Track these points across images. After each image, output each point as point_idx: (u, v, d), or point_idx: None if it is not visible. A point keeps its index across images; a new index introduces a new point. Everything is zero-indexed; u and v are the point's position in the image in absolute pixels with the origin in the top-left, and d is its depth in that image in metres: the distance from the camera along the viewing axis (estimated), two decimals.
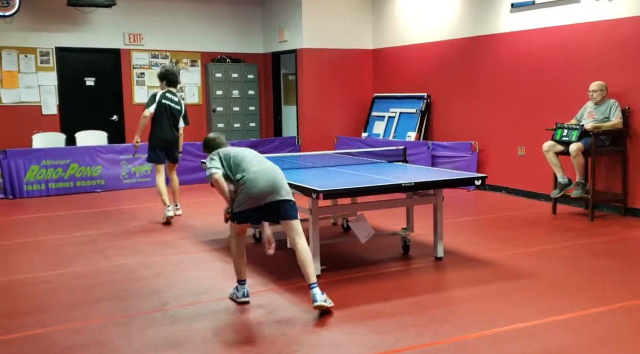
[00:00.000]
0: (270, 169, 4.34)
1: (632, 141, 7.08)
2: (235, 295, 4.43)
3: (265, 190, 4.21)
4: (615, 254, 5.60)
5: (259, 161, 4.42)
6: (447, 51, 9.67)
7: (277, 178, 4.30)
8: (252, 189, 4.21)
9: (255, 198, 4.23)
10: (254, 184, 4.22)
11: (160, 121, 7.30)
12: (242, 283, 4.43)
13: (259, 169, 4.30)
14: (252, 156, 4.47)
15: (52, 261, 5.65)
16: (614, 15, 7.18)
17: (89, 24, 10.66)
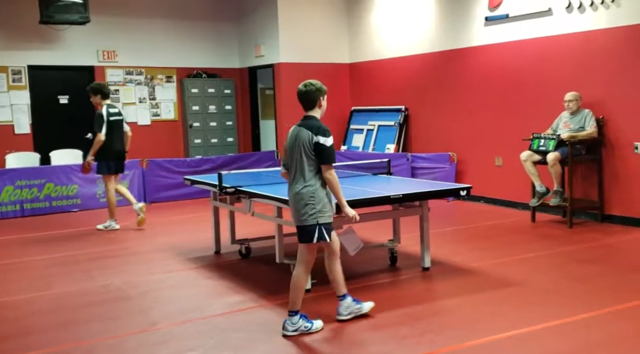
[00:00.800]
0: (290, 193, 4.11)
1: (606, 150, 7.25)
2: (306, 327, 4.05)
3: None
4: (597, 261, 5.70)
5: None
6: (424, 64, 9.79)
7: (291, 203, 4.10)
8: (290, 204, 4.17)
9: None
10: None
11: (112, 137, 7.67)
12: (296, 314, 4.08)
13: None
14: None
15: (34, 282, 5.53)
16: (586, 28, 7.36)
17: (62, 41, 10.54)
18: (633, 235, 6.65)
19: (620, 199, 7.16)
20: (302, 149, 4.03)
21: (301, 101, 4.21)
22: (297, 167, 4.05)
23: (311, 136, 4.03)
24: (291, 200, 4.10)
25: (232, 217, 6.33)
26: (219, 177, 5.60)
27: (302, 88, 4.22)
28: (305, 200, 3.99)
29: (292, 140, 4.12)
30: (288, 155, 4.14)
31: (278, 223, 5.25)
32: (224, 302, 4.77)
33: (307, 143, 4.02)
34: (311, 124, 4.09)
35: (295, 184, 4.05)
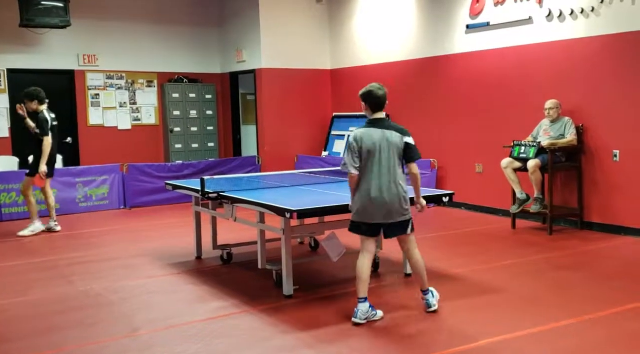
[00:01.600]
0: None
1: (586, 157, 7.35)
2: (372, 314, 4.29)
3: None
4: (577, 268, 5.76)
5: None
6: (405, 71, 9.85)
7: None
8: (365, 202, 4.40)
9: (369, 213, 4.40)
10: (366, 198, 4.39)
11: (54, 140, 7.75)
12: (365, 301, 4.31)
13: None
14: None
15: (12, 288, 5.45)
16: (566, 36, 7.47)
17: (43, 45, 10.43)
18: (612, 242, 6.74)
19: (599, 206, 7.26)
20: (394, 151, 4.28)
21: (377, 102, 4.34)
22: (388, 168, 4.27)
23: (401, 138, 4.30)
24: (389, 199, 4.27)
25: (214, 222, 6.30)
26: (202, 183, 5.57)
27: (380, 91, 4.35)
28: (403, 197, 4.33)
29: (378, 143, 4.26)
30: (365, 158, 4.25)
31: (260, 229, 5.24)
32: (207, 308, 4.74)
33: (399, 145, 4.29)
34: (395, 127, 4.36)
35: (390, 184, 4.27)
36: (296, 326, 4.27)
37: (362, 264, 4.38)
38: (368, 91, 4.35)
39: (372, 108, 4.35)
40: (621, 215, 7.05)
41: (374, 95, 4.31)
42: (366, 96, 4.35)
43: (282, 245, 4.86)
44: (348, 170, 4.30)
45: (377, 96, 4.31)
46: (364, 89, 4.38)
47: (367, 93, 4.35)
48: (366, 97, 4.35)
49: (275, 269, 5.18)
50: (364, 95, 4.37)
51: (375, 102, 4.32)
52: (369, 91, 4.34)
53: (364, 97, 4.37)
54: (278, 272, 5.10)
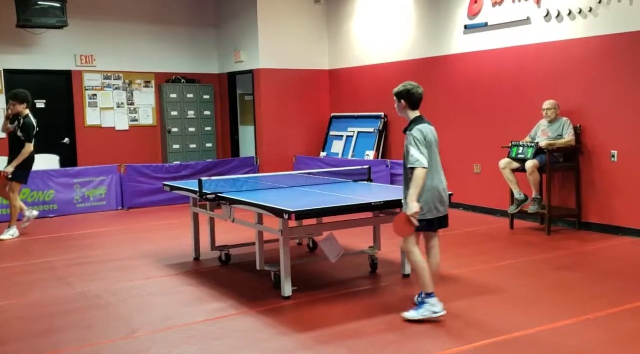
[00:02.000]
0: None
1: (584, 158, 7.35)
2: (432, 311, 4.28)
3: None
4: (575, 268, 5.76)
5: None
6: (403, 72, 9.84)
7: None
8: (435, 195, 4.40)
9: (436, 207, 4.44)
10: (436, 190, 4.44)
11: (36, 144, 7.71)
12: (433, 295, 4.33)
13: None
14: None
15: (9, 290, 5.43)
16: (565, 37, 7.47)
17: (40, 45, 10.41)
18: (610, 242, 6.74)
19: (597, 206, 7.26)
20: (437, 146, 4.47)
21: (419, 101, 4.50)
22: (439, 163, 4.45)
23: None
24: (444, 192, 4.42)
25: (212, 223, 6.29)
26: (200, 184, 5.56)
27: (420, 88, 4.50)
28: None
29: (434, 138, 4.45)
30: (428, 152, 4.32)
31: (259, 230, 5.23)
32: (205, 309, 4.73)
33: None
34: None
35: (443, 178, 4.44)
36: (295, 328, 4.26)
37: (422, 259, 4.38)
38: (407, 89, 4.42)
39: (412, 106, 4.45)
40: (619, 215, 7.06)
41: (414, 92, 4.42)
42: (405, 94, 4.42)
43: (281, 246, 4.85)
44: (422, 165, 4.24)
45: (419, 93, 4.45)
46: (401, 88, 4.45)
47: (406, 91, 4.42)
48: (405, 95, 4.42)
49: (273, 271, 5.17)
50: (402, 93, 4.43)
51: (417, 99, 4.45)
52: (408, 90, 4.41)
53: (402, 95, 4.43)
54: (276, 273, 5.09)
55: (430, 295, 4.31)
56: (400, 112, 4.52)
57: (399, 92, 4.44)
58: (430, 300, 4.29)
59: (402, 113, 4.51)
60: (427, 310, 4.28)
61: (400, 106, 4.48)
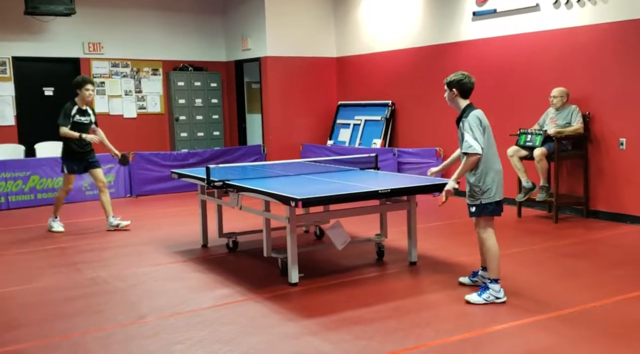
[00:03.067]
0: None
1: (592, 145, 7.32)
2: (495, 296, 4.37)
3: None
4: (582, 256, 5.76)
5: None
6: (411, 59, 9.82)
7: None
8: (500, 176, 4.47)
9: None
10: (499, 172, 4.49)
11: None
12: (498, 282, 4.42)
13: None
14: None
15: (20, 275, 5.49)
16: (574, 24, 7.42)
17: (48, 33, 10.43)
18: (618, 230, 6.73)
19: (605, 194, 7.24)
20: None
21: (471, 90, 4.56)
22: (495, 148, 4.51)
23: None
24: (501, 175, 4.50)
25: (220, 210, 6.32)
26: (207, 171, 5.58)
27: (472, 78, 4.56)
28: None
29: (488, 123, 4.48)
30: (486, 138, 4.42)
31: (266, 217, 5.26)
32: (212, 295, 4.77)
33: None
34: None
35: (499, 162, 4.50)
36: (301, 314, 4.29)
37: (496, 244, 4.48)
38: (458, 78, 4.47)
39: (463, 94, 4.49)
40: (627, 203, 7.04)
41: (466, 82, 4.47)
42: (456, 83, 4.48)
43: (287, 233, 4.88)
44: (475, 151, 4.32)
45: (471, 82, 4.50)
46: (452, 76, 4.50)
47: (457, 80, 4.47)
48: (456, 84, 4.48)
49: (280, 257, 5.20)
50: (453, 82, 4.48)
51: (469, 88, 4.50)
52: (460, 79, 4.47)
53: (453, 84, 4.48)
54: (283, 260, 5.12)
55: (496, 281, 4.39)
56: (450, 101, 4.56)
57: (450, 81, 4.50)
58: (494, 286, 4.38)
59: (452, 102, 4.56)
60: (491, 295, 4.37)
61: (451, 95, 4.52)
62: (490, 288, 4.39)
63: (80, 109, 7.06)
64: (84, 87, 7.01)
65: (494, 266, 4.44)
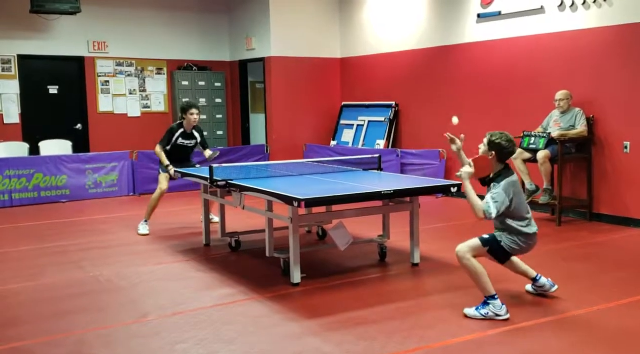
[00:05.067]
0: None
1: (596, 148, 7.31)
2: (496, 313, 4.13)
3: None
4: (585, 259, 5.75)
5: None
6: (415, 60, 9.81)
7: None
8: (531, 244, 4.35)
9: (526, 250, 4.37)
10: (534, 240, 4.36)
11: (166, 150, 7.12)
12: (497, 297, 4.18)
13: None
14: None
15: (22, 273, 5.50)
16: (579, 26, 7.41)
17: (53, 31, 10.45)
18: (621, 234, 6.72)
19: (609, 198, 7.23)
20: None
21: (509, 157, 4.35)
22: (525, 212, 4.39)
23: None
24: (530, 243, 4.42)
25: (223, 210, 6.33)
26: (211, 171, 5.59)
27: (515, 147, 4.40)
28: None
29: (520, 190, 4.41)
30: (517, 202, 4.30)
31: (268, 217, 5.26)
32: (215, 295, 4.77)
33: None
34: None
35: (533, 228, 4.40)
36: (303, 314, 4.30)
37: (477, 264, 4.26)
38: (503, 146, 4.23)
39: (501, 159, 4.28)
40: (631, 207, 7.02)
41: (507, 147, 4.25)
42: (497, 147, 4.24)
43: (290, 233, 4.88)
44: (490, 217, 4.16)
45: (513, 150, 4.31)
46: (497, 138, 4.25)
47: (500, 146, 4.24)
48: (497, 148, 4.25)
49: (283, 257, 5.20)
50: (494, 144, 4.25)
51: (507, 155, 4.29)
52: (502, 145, 4.23)
53: (493, 146, 4.25)
54: (286, 260, 5.13)
55: (493, 297, 4.16)
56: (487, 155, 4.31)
57: (491, 141, 4.26)
58: (494, 302, 4.15)
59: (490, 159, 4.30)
60: (490, 311, 4.14)
61: (489, 154, 4.28)
62: (490, 304, 4.15)
63: (185, 133, 7.02)
64: (189, 112, 7.00)
65: (482, 285, 4.18)
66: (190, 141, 7.12)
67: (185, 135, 7.06)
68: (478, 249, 4.28)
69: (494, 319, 4.12)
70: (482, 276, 4.20)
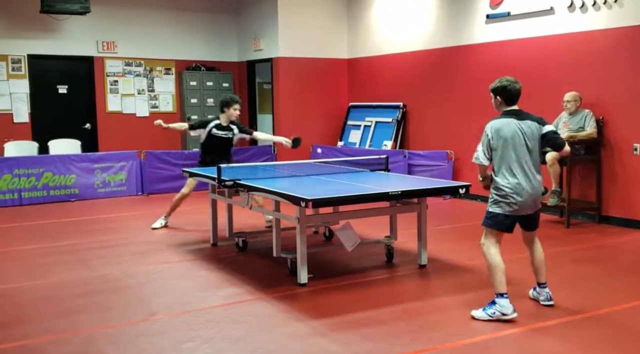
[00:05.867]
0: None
1: (605, 150, 7.27)
2: (502, 312, 4.08)
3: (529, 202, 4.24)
4: (594, 262, 5.72)
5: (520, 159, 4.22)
6: (423, 61, 9.80)
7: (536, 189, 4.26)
8: (519, 198, 4.20)
9: (520, 207, 4.23)
10: (519, 192, 4.21)
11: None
12: (506, 296, 4.13)
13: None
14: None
15: (31, 271, 5.53)
16: (588, 27, 7.38)
17: (63, 31, 10.51)
18: (630, 236, 6.68)
19: (618, 200, 7.19)
20: (536, 143, 4.25)
21: (516, 95, 4.34)
22: (531, 160, 4.24)
23: (539, 127, 4.27)
24: (534, 191, 4.26)
25: (230, 210, 6.34)
26: (218, 170, 5.60)
27: (518, 84, 4.36)
28: (541, 189, 4.36)
29: (512, 133, 4.21)
30: (500, 150, 4.24)
31: (276, 217, 5.27)
32: (222, 294, 4.78)
33: (538, 135, 4.25)
34: (533, 117, 4.31)
35: (535, 177, 4.26)
36: (309, 314, 4.30)
37: (497, 258, 4.26)
38: (502, 85, 4.29)
39: (508, 102, 4.31)
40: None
41: (510, 88, 4.28)
42: (500, 90, 4.29)
43: (297, 233, 4.88)
44: (478, 161, 4.34)
45: (516, 88, 4.31)
46: (497, 83, 4.32)
47: (502, 87, 4.28)
48: (501, 91, 4.29)
49: (289, 257, 5.21)
50: (497, 89, 4.30)
51: (514, 95, 4.31)
52: (504, 86, 4.28)
53: (497, 91, 4.30)
54: (293, 260, 5.13)
55: (502, 295, 4.11)
56: (497, 107, 4.38)
57: (494, 88, 4.31)
58: (501, 301, 4.09)
59: (499, 109, 4.37)
60: (497, 311, 4.09)
61: (497, 102, 4.34)
62: (496, 303, 4.11)
63: (220, 125, 7.02)
64: (233, 107, 6.99)
65: (494, 280, 4.15)
66: (226, 132, 7.09)
67: (220, 126, 7.05)
68: (487, 232, 4.34)
69: (501, 319, 4.09)
70: (497, 270, 4.18)
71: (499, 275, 4.16)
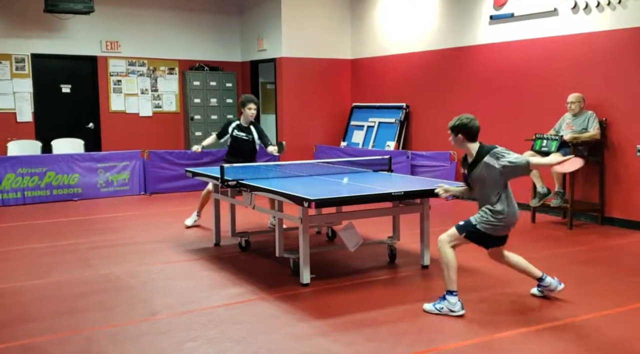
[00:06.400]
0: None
1: (609, 152, 7.26)
2: (450, 309, 4.23)
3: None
4: (596, 263, 5.71)
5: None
6: (426, 62, 9.79)
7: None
8: (513, 220, 4.35)
9: (509, 228, 4.41)
10: (515, 216, 4.36)
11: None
12: (455, 294, 4.27)
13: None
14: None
15: (33, 270, 5.53)
16: (592, 29, 7.36)
17: (66, 30, 10.52)
18: (633, 238, 6.66)
19: (621, 201, 7.17)
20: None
21: (477, 132, 4.40)
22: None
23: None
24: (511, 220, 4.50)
25: (233, 210, 6.34)
26: (221, 170, 5.61)
27: (476, 121, 4.40)
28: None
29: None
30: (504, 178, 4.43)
31: (279, 217, 5.26)
32: (224, 294, 4.78)
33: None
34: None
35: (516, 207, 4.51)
36: (312, 314, 4.29)
37: (452, 256, 4.37)
38: (463, 123, 4.31)
39: (471, 138, 4.36)
40: None
41: (471, 125, 4.31)
42: (461, 128, 4.32)
43: (300, 234, 4.88)
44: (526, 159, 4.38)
45: (476, 125, 4.33)
46: (456, 121, 4.35)
47: (462, 125, 4.31)
48: (462, 128, 4.32)
49: (292, 257, 5.20)
50: (458, 126, 4.34)
51: (474, 131, 4.34)
52: (465, 123, 4.31)
53: (458, 129, 4.34)
54: (295, 260, 5.13)
55: (452, 293, 4.25)
56: (458, 145, 4.41)
57: (454, 126, 4.34)
58: (450, 298, 4.24)
59: (460, 146, 4.41)
60: (445, 307, 4.24)
61: (458, 140, 4.37)
62: (446, 299, 4.24)
63: (240, 125, 7.08)
64: (247, 106, 7.05)
65: (447, 277, 4.26)
66: (247, 134, 7.10)
67: (241, 127, 7.09)
68: (455, 237, 4.40)
69: (448, 314, 4.22)
70: (451, 268, 4.29)
71: (452, 273, 4.29)
